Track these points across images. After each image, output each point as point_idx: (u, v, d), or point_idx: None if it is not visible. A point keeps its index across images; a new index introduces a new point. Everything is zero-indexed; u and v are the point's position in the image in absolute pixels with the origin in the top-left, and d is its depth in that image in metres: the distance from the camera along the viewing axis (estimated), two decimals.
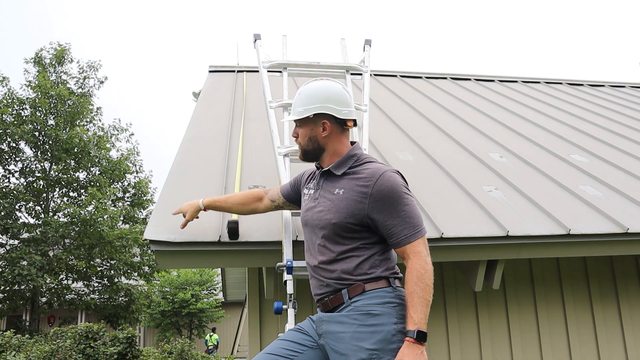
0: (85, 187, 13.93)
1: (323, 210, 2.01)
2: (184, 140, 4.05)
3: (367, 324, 1.84)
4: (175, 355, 10.03)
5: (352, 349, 1.83)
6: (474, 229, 3.06)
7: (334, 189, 2.03)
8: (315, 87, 2.13)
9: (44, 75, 13.92)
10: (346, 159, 2.06)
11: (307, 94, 2.12)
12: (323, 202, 2.03)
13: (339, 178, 2.04)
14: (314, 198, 2.10)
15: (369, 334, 1.83)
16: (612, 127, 5.65)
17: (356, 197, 1.95)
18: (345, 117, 2.08)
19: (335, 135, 2.10)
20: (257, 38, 3.74)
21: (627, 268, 3.78)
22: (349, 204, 1.95)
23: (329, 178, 2.08)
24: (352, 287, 1.91)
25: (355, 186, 1.96)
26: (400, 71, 7.67)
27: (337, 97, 2.09)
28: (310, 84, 2.17)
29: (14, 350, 8.47)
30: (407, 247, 1.90)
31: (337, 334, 1.88)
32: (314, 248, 2.05)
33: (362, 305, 1.88)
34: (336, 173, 2.05)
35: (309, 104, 2.10)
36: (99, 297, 14.05)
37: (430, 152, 4.34)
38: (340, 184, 2.02)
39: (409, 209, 1.92)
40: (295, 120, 2.14)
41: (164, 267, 2.74)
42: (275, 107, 3.26)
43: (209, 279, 21.22)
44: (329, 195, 2.03)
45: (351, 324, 1.86)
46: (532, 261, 3.67)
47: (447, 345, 3.42)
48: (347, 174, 2.03)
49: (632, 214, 3.43)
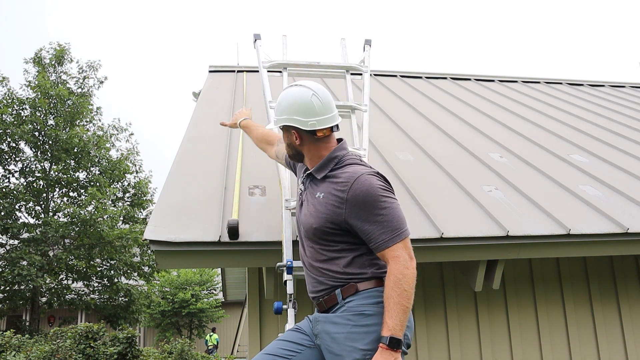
0: (85, 187, 13.94)
1: (306, 213, 2.02)
2: (184, 140, 4.05)
3: (360, 325, 1.84)
4: (175, 355, 10.03)
5: (346, 349, 1.82)
6: (474, 229, 3.06)
7: (315, 192, 2.02)
8: (285, 97, 2.07)
9: (44, 75, 13.93)
10: (326, 162, 2.03)
11: (279, 102, 2.09)
12: (307, 206, 2.04)
13: (320, 181, 2.02)
14: (302, 199, 2.11)
15: (363, 335, 1.82)
16: (612, 127, 5.65)
17: (333, 202, 1.92)
18: (311, 128, 2.00)
19: (310, 142, 2.05)
20: (257, 38, 3.74)
21: (627, 268, 3.78)
22: (327, 209, 1.93)
23: (313, 180, 2.07)
24: (345, 288, 1.91)
25: (333, 190, 1.94)
26: (400, 71, 7.67)
27: (304, 108, 2.01)
28: (286, 91, 2.10)
29: (14, 350, 8.47)
30: (385, 252, 1.85)
31: (331, 335, 1.88)
32: (306, 247, 2.06)
33: (356, 305, 1.87)
34: (317, 177, 2.03)
35: (278, 114, 2.08)
36: (99, 297, 14.05)
37: (430, 152, 4.34)
38: (320, 188, 2.00)
39: (388, 212, 1.86)
40: None
41: (164, 267, 2.74)
42: (275, 107, 3.26)
43: (209, 279, 21.21)
44: (311, 199, 2.03)
45: (345, 324, 1.86)
46: (532, 261, 3.67)
47: (447, 345, 3.42)
48: (327, 177, 2.00)
49: (632, 214, 3.43)
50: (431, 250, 2.98)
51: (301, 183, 2.18)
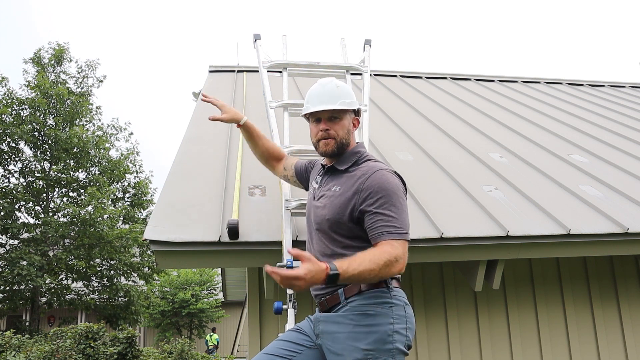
0: (85, 187, 13.93)
1: (320, 206, 2.04)
2: (184, 140, 4.05)
3: (362, 324, 1.84)
4: (175, 355, 10.03)
5: (347, 349, 1.83)
6: (474, 229, 3.06)
7: (333, 185, 2.06)
8: (339, 82, 2.17)
9: (43, 75, 13.92)
10: (350, 155, 2.10)
11: (344, 88, 2.16)
12: (322, 199, 2.06)
13: (340, 174, 2.07)
14: (316, 195, 2.12)
15: (365, 334, 1.83)
16: (612, 127, 5.65)
17: (350, 194, 1.96)
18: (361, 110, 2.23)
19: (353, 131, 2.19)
20: (257, 38, 3.74)
21: (627, 268, 3.78)
22: (342, 201, 1.97)
23: (332, 175, 2.11)
24: (349, 287, 1.91)
25: (352, 184, 1.98)
26: (400, 71, 7.66)
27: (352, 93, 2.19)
28: (331, 78, 2.20)
29: (14, 350, 8.47)
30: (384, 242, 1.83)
31: (333, 334, 1.89)
32: (314, 242, 2.08)
33: (359, 305, 1.88)
34: (339, 168, 2.08)
35: (351, 97, 2.15)
36: (99, 297, 14.05)
37: (430, 152, 4.34)
38: (339, 181, 2.04)
39: (398, 210, 1.89)
40: (333, 110, 2.10)
41: (164, 267, 2.74)
42: (275, 107, 3.26)
43: (209, 279, 21.21)
44: (327, 192, 2.06)
45: (347, 324, 1.86)
46: (532, 261, 3.67)
47: (447, 345, 3.42)
48: (347, 171, 2.05)
49: (632, 214, 3.43)
50: (431, 250, 2.98)
51: (315, 182, 2.21)
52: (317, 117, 2.13)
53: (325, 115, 2.11)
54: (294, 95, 5.41)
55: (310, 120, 2.18)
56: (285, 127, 3.24)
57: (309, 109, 2.14)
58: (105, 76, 15.27)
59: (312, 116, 2.16)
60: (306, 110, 2.16)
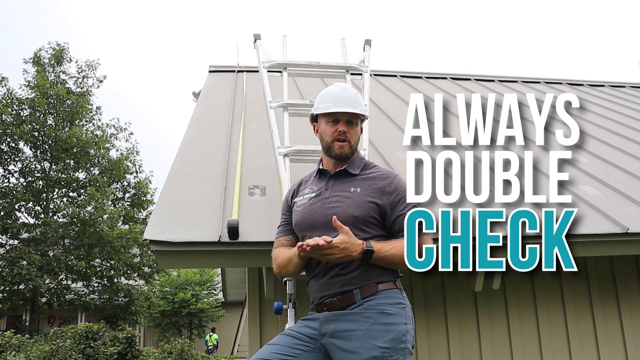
0: (85, 187, 13.93)
1: (341, 206, 2.01)
2: (184, 140, 4.05)
3: (380, 322, 1.86)
4: (175, 355, 10.02)
5: (365, 346, 1.84)
6: None
7: (349, 187, 2.06)
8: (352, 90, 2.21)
9: (43, 75, 13.92)
10: (358, 160, 2.16)
11: (354, 93, 2.19)
12: (339, 200, 2.04)
13: (353, 178, 2.09)
14: (324, 197, 2.07)
15: (382, 332, 1.84)
16: (612, 127, 5.64)
17: (374, 193, 2.02)
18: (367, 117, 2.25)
19: None
20: (257, 38, 3.74)
21: (627, 268, 3.78)
22: (367, 200, 2.01)
23: (340, 178, 2.11)
24: (365, 287, 1.93)
25: (372, 185, 2.05)
26: (400, 71, 7.66)
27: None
28: (341, 84, 2.23)
29: (14, 350, 8.47)
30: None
31: (347, 332, 1.88)
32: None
33: (377, 304, 1.90)
34: (352, 172, 2.11)
35: (360, 104, 2.17)
36: (99, 298, 14.05)
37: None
38: (355, 184, 2.07)
39: None
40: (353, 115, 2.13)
41: (164, 267, 2.74)
42: (275, 107, 3.26)
43: (209, 279, 21.20)
44: (344, 193, 2.05)
45: (364, 321, 1.87)
46: None
47: (447, 345, 3.42)
48: (360, 175, 2.10)
49: (632, 214, 3.43)
50: None
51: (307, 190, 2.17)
52: (336, 118, 2.11)
53: (345, 118, 2.11)
54: (294, 95, 5.41)
55: (325, 120, 2.14)
56: (285, 127, 3.24)
57: (331, 109, 2.10)
58: (105, 76, 15.25)
59: (330, 116, 2.12)
60: (327, 109, 2.11)
